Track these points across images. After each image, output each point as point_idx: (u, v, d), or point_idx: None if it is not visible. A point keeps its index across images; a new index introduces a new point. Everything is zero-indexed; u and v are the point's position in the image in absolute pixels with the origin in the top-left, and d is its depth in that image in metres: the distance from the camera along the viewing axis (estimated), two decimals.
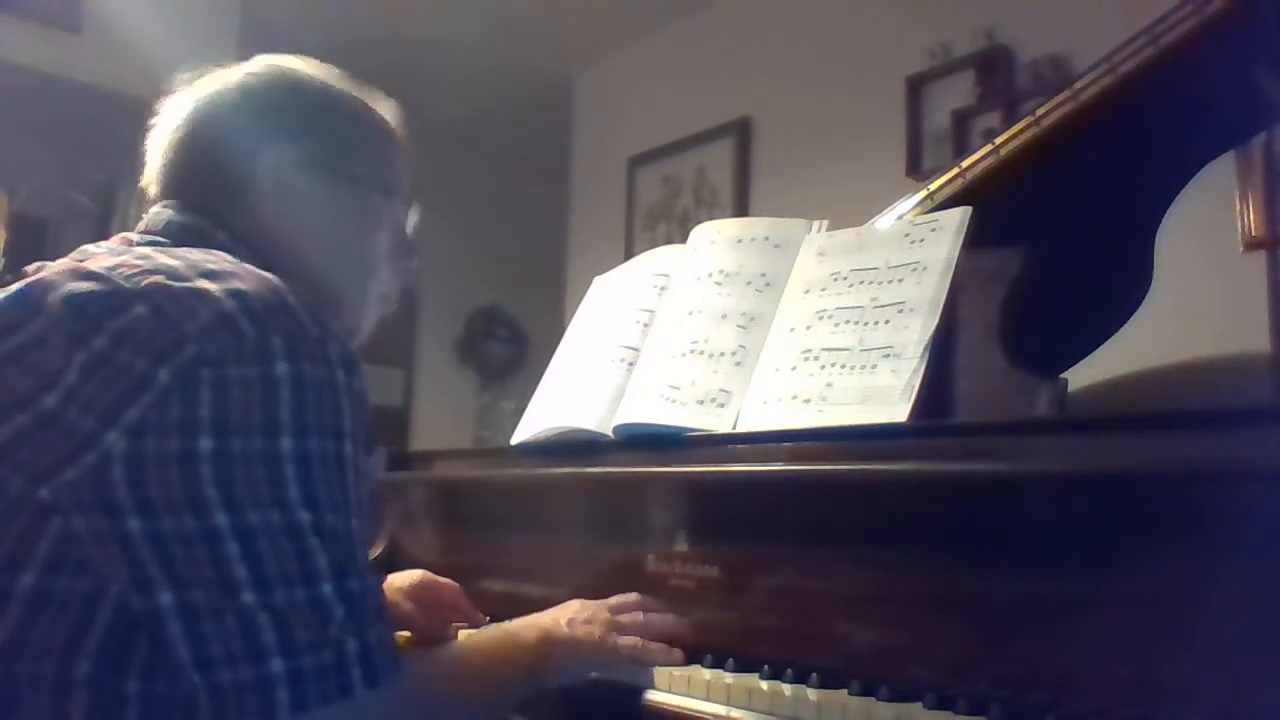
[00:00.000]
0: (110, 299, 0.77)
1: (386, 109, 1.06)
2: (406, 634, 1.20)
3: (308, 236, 0.97)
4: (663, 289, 1.40)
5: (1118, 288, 1.37)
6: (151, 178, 0.99)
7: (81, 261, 0.84)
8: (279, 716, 0.73)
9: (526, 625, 1.04)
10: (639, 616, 1.08)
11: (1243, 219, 2.06)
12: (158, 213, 0.95)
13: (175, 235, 0.91)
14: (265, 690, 0.72)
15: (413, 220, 1.08)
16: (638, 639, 1.05)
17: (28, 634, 0.73)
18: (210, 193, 0.95)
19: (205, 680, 0.73)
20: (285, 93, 1.00)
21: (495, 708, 0.98)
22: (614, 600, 1.10)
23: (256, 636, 0.73)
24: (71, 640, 0.74)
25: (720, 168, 3.43)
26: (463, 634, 1.21)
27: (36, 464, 0.74)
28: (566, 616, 1.05)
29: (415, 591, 1.25)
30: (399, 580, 1.26)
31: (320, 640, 0.74)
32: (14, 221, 2.94)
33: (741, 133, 3.38)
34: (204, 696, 0.73)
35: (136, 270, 0.80)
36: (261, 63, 1.01)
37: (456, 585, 1.30)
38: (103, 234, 1.05)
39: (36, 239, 3.04)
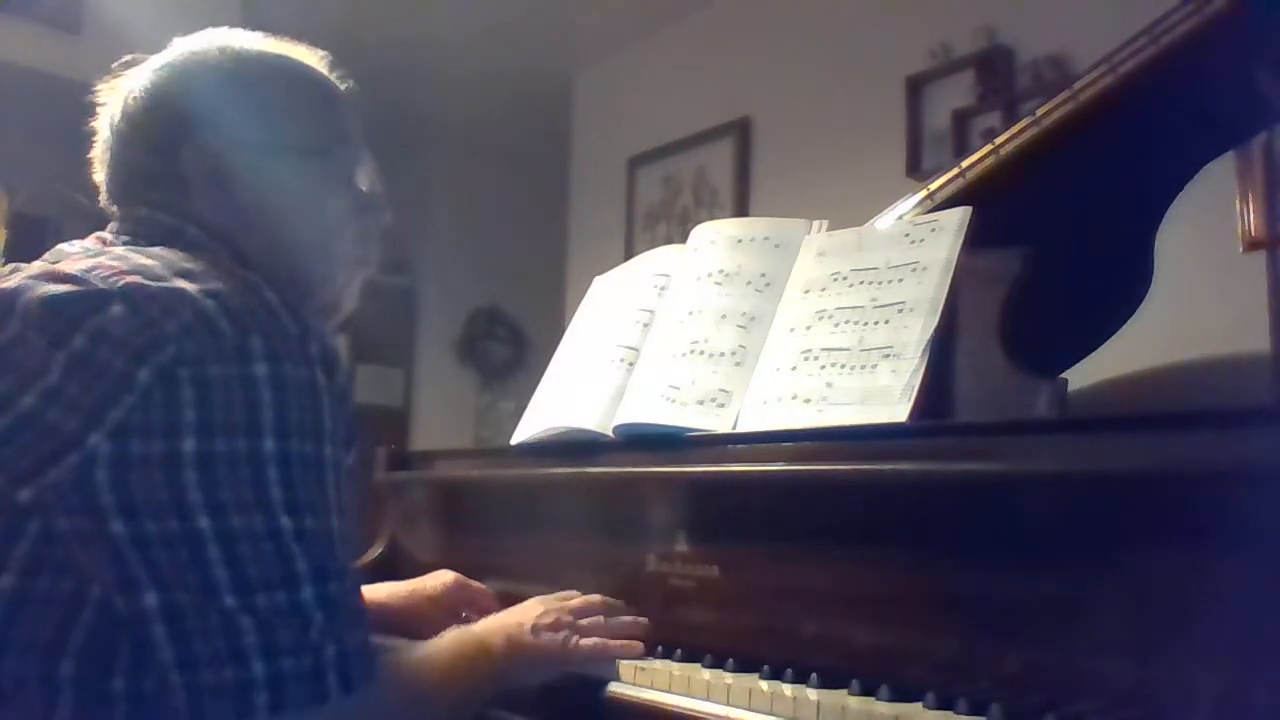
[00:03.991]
0: (87, 299, 0.77)
1: (315, 61, 1.03)
2: None
3: (259, 216, 0.95)
4: (663, 289, 1.40)
5: (1118, 288, 1.37)
6: (102, 181, 0.99)
7: (56, 263, 0.84)
8: (255, 718, 0.73)
9: (493, 630, 1.05)
10: (599, 619, 1.11)
11: (1243, 219, 2.06)
12: (129, 211, 0.95)
13: (147, 234, 0.91)
14: (245, 692, 0.73)
15: (367, 172, 1.04)
16: (599, 640, 1.07)
17: (10, 634, 0.74)
18: (157, 191, 0.95)
19: (185, 680, 0.73)
20: (199, 75, 0.97)
21: (461, 710, 0.99)
22: (576, 602, 1.13)
23: (239, 638, 0.73)
24: (55, 640, 0.74)
25: (720, 168, 3.42)
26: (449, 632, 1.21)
27: (17, 465, 0.74)
28: (530, 621, 1.07)
29: (448, 599, 1.26)
30: (430, 588, 1.27)
31: (301, 644, 0.75)
32: (14, 221, 2.93)
33: (741, 133, 3.37)
34: (181, 695, 0.73)
35: (113, 270, 0.79)
36: (176, 50, 0.99)
37: (490, 592, 1.30)
38: None
39: (36, 239, 3.02)
